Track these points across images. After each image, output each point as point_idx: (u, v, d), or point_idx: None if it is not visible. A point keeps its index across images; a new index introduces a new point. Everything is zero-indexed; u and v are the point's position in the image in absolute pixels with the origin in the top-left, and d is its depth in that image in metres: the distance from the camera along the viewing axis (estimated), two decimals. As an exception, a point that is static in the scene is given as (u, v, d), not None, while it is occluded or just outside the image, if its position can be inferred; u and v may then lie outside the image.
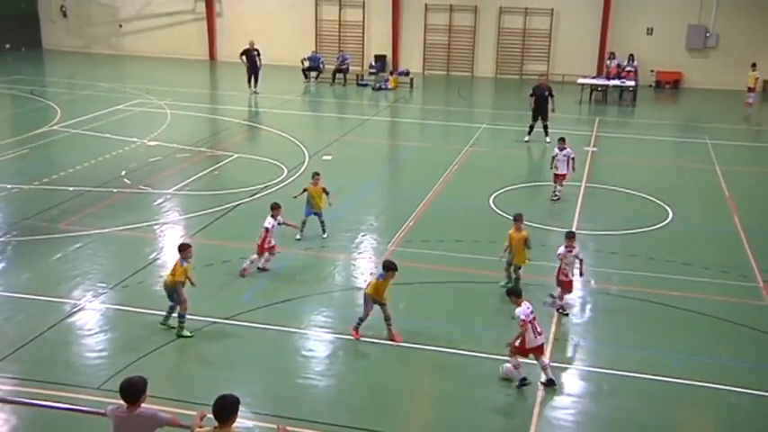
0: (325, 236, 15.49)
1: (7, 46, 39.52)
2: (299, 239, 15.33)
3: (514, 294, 10.67)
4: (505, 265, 13.34)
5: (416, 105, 31.91)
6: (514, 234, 13.12)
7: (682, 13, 34.11)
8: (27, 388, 9.97)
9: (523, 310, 10.34)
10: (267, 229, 13.77)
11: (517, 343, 10.29)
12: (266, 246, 13.78)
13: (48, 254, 14.58)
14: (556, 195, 18.48)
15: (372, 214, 17.45)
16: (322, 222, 15.54)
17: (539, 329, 10.38)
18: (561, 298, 12.71)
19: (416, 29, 37.26)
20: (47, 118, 25.67)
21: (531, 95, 24.13)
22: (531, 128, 24.09)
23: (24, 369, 10.57)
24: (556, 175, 18.49)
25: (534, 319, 10.37)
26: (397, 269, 11.39)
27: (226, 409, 6.52)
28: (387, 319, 11.47)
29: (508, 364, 10.48)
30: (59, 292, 12.91)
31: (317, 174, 15.84)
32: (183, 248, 11.68)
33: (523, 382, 10.32)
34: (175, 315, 11.59)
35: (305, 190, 15.65)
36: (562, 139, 18.72)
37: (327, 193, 15.59)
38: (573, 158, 18.47)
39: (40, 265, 14.14)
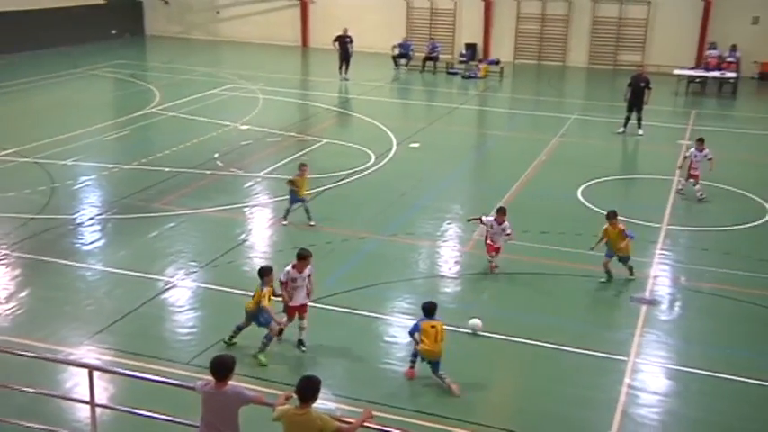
0: (312, 223, 15.47)
1: (113, 32, 41.15)
2: (285, 225, 15.50)
3: (299, 257, 10.76)
4: (605, 258, 13.20)
5: (506, 94, 31.58)
6: (611, 230, 13.07)
7: (790, 1, 32.55)
8: (122, 359, 10.47)
9: (286, 269, 10.64)
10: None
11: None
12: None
13: (144, 232, 15.20)
14: (702, 195, 17.58)
15: (458, 203, 17.43)
16: (307, 210, 15.56)
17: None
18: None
19: (508, 17, 36.81)
20: (146, 101, 26.65)
21: (629, 85, 23.49)
22: (627, 119, 23.47)
23: (120, 341, 11.08)
24: (693, 175, 17.67)
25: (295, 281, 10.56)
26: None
27: (309, 389, 6.69)
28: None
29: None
30: (154, 269, 13.44)
31: (305, 165, 15.85)
32: (265, 273, 10.68)
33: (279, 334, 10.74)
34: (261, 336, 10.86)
35: (291, 181, 15.58)
36: (701, 140, 17.91)
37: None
38: (710, 159, 17.68)
39: (136, 242, 14.75)
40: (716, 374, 10.57)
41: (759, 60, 33.41)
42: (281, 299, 10.91)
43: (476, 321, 11.53)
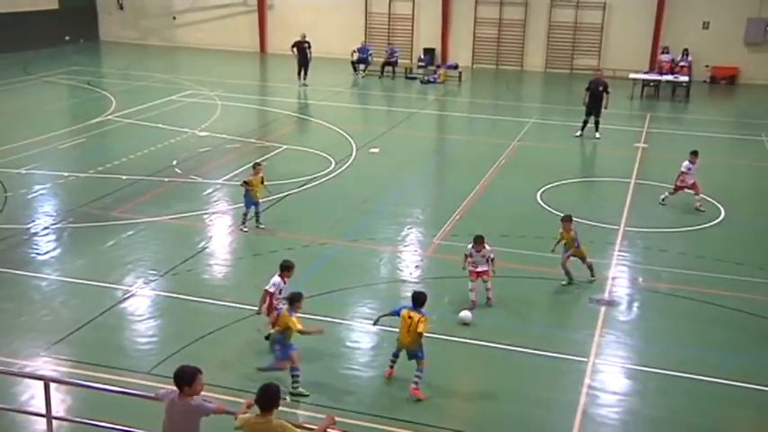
0: (262, 226, 15.56)
1: (67, 38, 40.48)
2: (245, 231, 15.47)
3: (283, 268, 10.86)
4: (563, 257, 13.38)
5: (464, 99, 31.81)
6: (564, 233, 13.30)
7: (740, 6, 33.29)
8: (81, 370, 10.28)
9: (274, 281, 10.70)
10: None
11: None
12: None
13: (101, 241, 14.96)
14: (701, 206, 17.29)
15: (419, 207, 17.48)
16: (258, 213, 15.61)
17: (275, 305, 10.55)
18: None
19: (466, 22, 37.09)
20: (102, 108, 26.26)
21: (587, 89, 23.76)
22: (585, 123, 23.77)
23: (78, 352, 10.89)
24: (679, 186, 17.32)
25: (281, 292, 10.58)
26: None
27: (268, 397, 6.64)
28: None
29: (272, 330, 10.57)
30: (112, 278, 13.24)
31: (259, 164, 15.90)
32: (297, 299, 9.97)
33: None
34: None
35: (246, 182, 15.54)
36: (695, 153, 17.48)
37: (264, 184, 15.76)
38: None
39: (94, 251, 14.51)
40: (674, 373, 10.75)
41: (710, 64, 34.19)
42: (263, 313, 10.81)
43: (466, 313, 11.88)
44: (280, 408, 6.72)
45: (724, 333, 12.00)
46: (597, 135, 23.54)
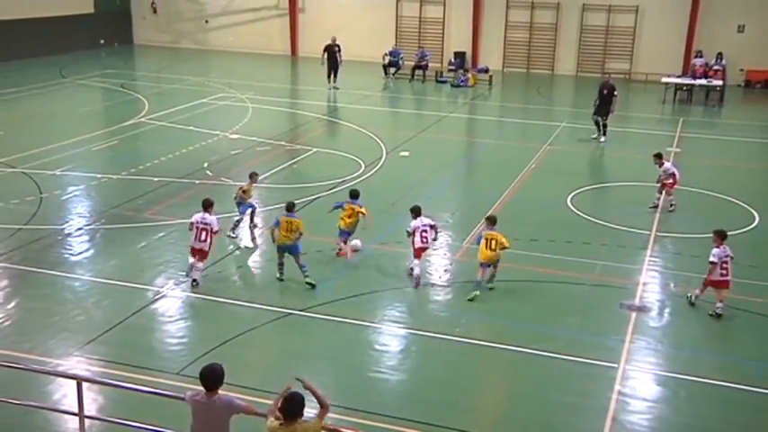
0: (233, 235, 15.56)
1: (102, 42, 41.12)
2: (234, 237, 15.50)
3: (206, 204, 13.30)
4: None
5: (495, 102, 31.69)
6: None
7: (776, 9, 32.82)
8: (112, 370, 10.41)
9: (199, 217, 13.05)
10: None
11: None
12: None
13: (133, 242, 15.14)
14: (672, 205, 17.37)
15: (448, 211, 17.45)
16: (239, 222, 15.74)
17: (202, 238, 12.91)
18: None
19: (497, 26, 36.97)
20: (135, 110, 26.59)
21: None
22: (596, 123, 23.86)
23: (110, 352, 11.03)
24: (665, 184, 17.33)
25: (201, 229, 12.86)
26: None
27: (291, 408, 6.61)
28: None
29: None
30: (143, 279, 13.40)
31: (256, 174, 16.22)
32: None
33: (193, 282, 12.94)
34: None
35: (244, 191, 15.73)
36: (658, 155, 17.58)
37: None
38: (671, 174, 17.25)
39: (125, 252, 14.70)
40: (705, 380, 10.62)
41: (745, 68, 33.70)
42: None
43: (356, 242, 14.15)
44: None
45: (756, 340, 11.83)
46: (602, 139, 23.53)
